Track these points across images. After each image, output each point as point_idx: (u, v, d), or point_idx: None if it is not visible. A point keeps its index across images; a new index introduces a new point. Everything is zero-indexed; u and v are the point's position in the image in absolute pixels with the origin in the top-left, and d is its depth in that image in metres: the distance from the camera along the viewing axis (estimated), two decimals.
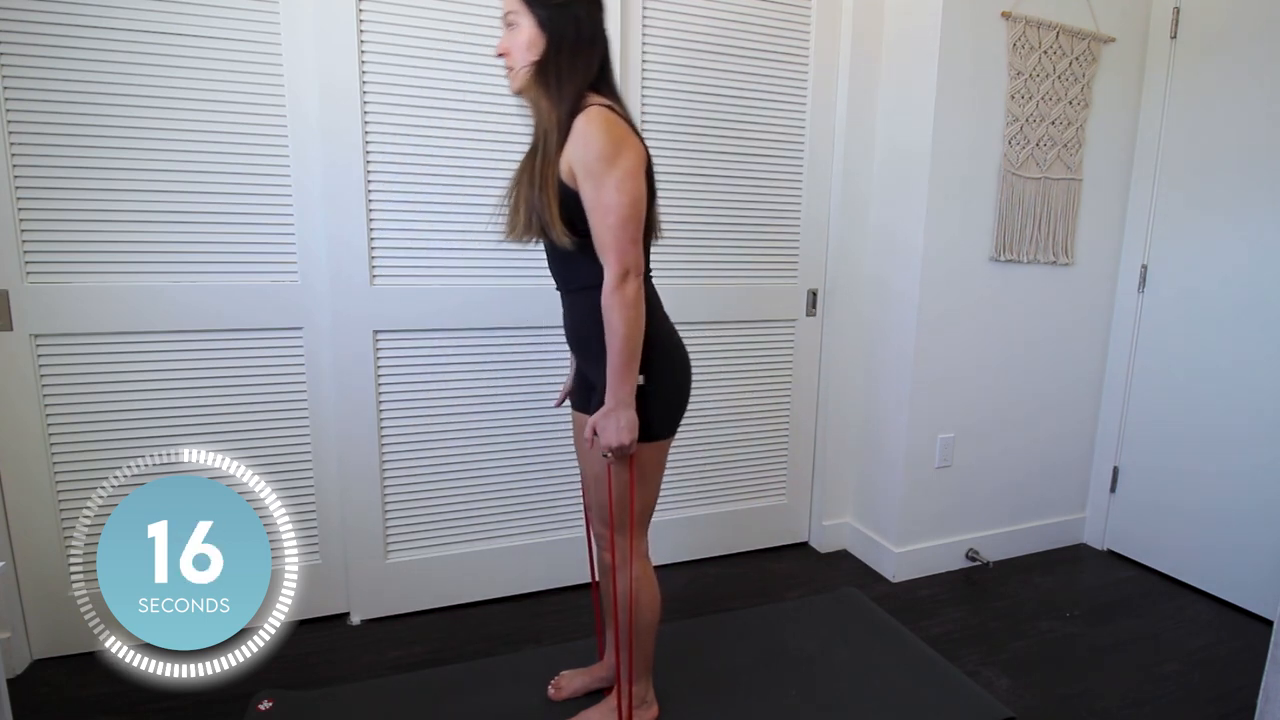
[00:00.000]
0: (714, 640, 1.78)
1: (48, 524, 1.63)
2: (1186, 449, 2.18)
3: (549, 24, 1.12)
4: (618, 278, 1.10)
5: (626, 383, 1.14)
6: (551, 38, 1.13)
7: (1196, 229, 2.14)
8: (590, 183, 1.10)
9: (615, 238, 1.10)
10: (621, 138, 1.10)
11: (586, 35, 1.15)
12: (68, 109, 1.51)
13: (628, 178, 1.09)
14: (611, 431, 1.15)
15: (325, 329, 1.75)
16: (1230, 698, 1.63)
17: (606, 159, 1.08)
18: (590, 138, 1.08)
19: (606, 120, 1.10)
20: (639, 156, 1.13)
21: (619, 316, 1.11)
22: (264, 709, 1.48)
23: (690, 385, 1.31)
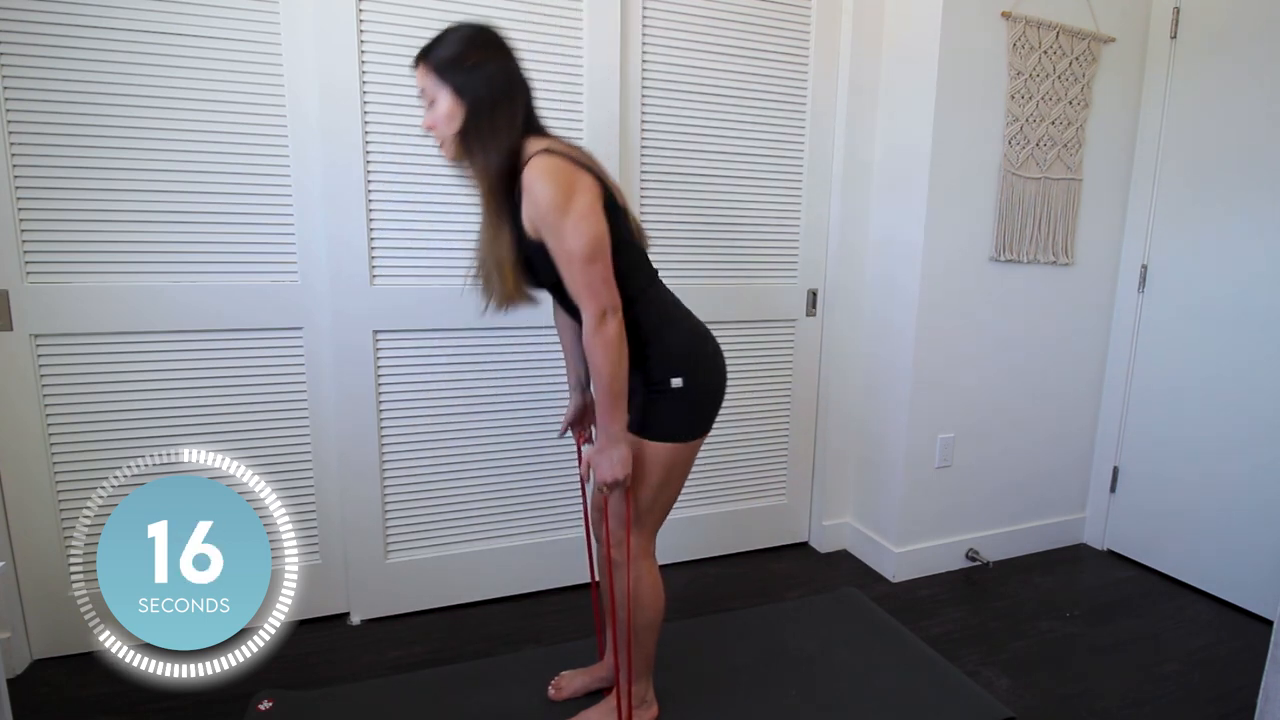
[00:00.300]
0: (714, 640, 1.78)
1: (48, 524, 1.63)
2: (1186, 449, 2.18)
3: (464, 90, 1.13)
4: (596, 319, 1.12)
5: (616, 420, 1.16)
6: (469, 103, 1.13)
7: (1196, 229, 2.14)
8: (550, 235, 1.11)
9: (585, 282, 1.11)
10: (567, 181, 1.10)
11: (502, 90, 1.14)
12: (68, 109, 1.51)
13: (583, 220, 1.09)
14: (606, 468, 1.18)
15: (325, 329, 1.75)
16: (1230, 698, 1.63)
17: (558, 209, 1.08)
18: (537, 192, 1.09)
19: (549, 169, 1.09)
20: (591, 193, 1.12)
21: (603, 357, 1.12)
22: (264, 709, 1.48)
23: (725, 380, 1.32)
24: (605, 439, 1.18)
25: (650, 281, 1.27)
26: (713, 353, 1.29)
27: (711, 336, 1.31)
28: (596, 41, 1.83)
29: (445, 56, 1.13)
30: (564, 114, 1.85)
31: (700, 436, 1.29)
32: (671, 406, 1.24)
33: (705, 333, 1.31)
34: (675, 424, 1.25)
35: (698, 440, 1.29)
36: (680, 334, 1.26)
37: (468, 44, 1.14)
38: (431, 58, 1.14)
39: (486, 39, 1.16)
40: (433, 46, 1.15)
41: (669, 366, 1.23)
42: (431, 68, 1.14)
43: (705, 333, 1.31)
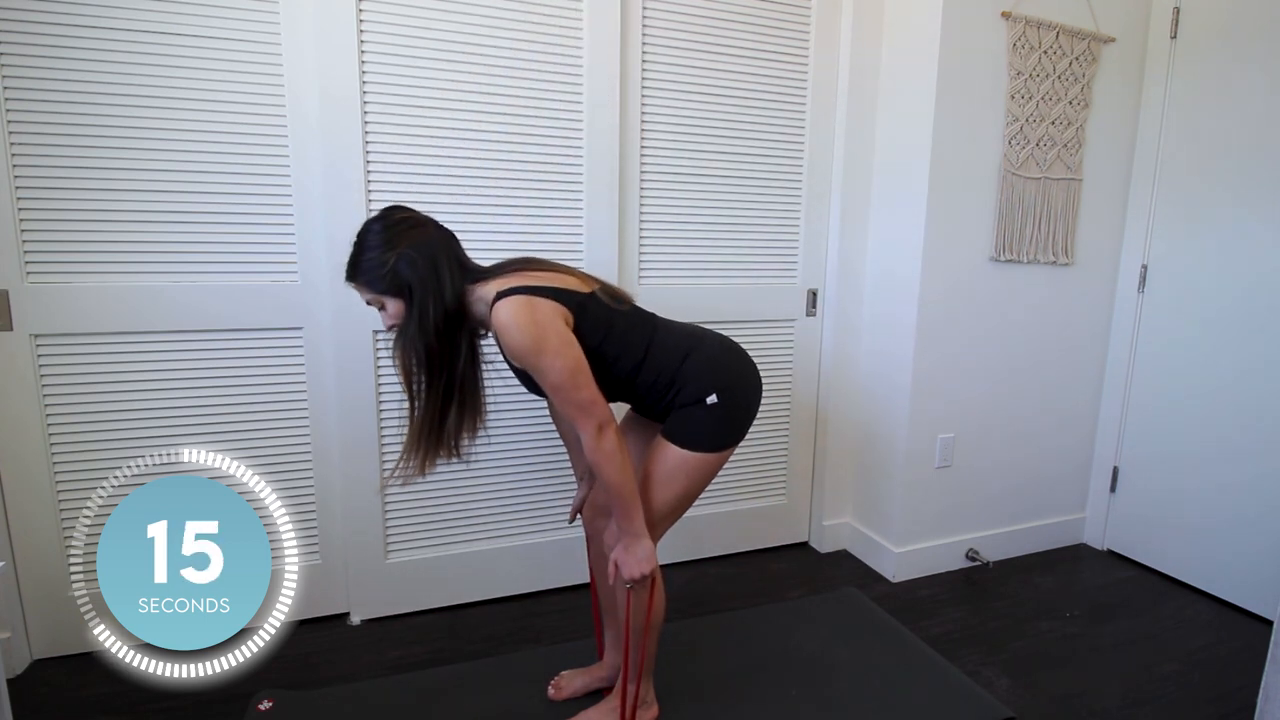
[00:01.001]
0: (714, 640, 1.78)
1: (48, 524, 1.63)
2: (1186, 449, 2.18)
3: (399, 288, 1.16)
4: (594, 436, 1.17)
5: (634, 519, 1.21)
6: (407, 294, 1.16)
7: (1196, 229, 2.14)
8: (531, 371, 1.16)
9: (575, 405, 1.16)
10: (534, 323, 1.13)
11: (425, 268, 1.15)
12: (68, 109, 1.51)
13: (558, 356, 1.14)
14: (632, 564, 1.22)
15: (325, 328, 1.75)
16: (1230, 698, 1.63)
17: (532, 351, 1.13)
18: (510, 339, 1.13)
19: (514, 315, 1.13)
20: (556, 322, 1.15)
21: (608, 469, 1.18)
22: (264, 709, 1.48)
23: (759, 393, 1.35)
24: (628, 538, 1.22)
25: (653, 330, 1.29)
26: (741, 362, 1.33)
27: (738, 347, 1.34)
28: (596, 41, 1.83)
29: (369, 269, 1.16)
30: (564, 114, 1.85)
31: (731, 447, 1.31)
32: (706, 417, 1.26)
33: (730, 345, 1.34)
34: (706, 433, 1.27)
35: (728, 450, 1.31)
36: (704, 358, 1.28)
37: (381, 246, 1.16)
38: (359, 277, 1.18)
39: (392, 228, 1.18)
40: (354, 265, 1.18)
41: (700, 389, 1.26)
42: (364, 284, 1.18)
43: (730, 345, 1.34)
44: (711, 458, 1.28)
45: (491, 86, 1.78)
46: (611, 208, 1.92)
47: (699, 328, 1.36)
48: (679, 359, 1.27)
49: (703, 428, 1.27)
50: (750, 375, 1.33)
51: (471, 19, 1.74)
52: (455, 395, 1.21)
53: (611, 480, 1.18)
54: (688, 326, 1.35)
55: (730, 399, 1.27)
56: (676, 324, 1.35)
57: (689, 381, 1.26)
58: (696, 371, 1.26)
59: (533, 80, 1.81)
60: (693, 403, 1.26)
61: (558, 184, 1.88)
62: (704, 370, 1.27)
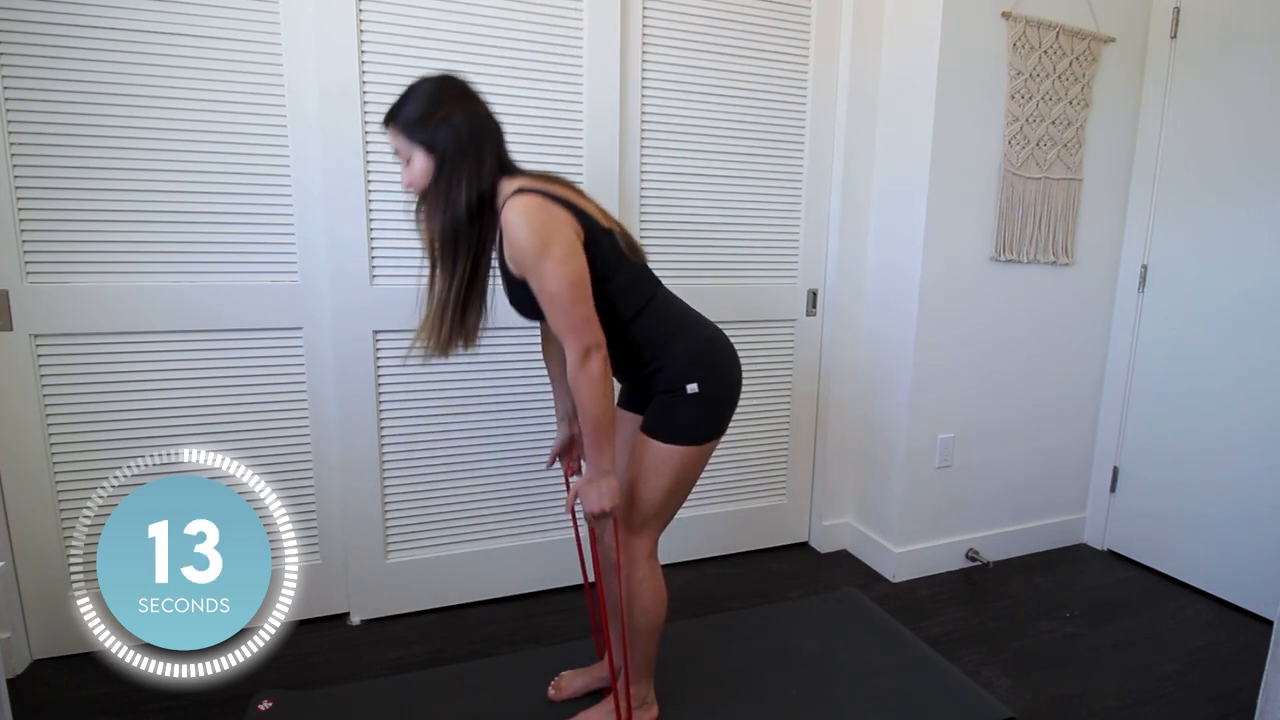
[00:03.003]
0: (714, 640, 1.78)
1: (48, 524, 1.63)
2: (1187, 449, 2.17)
3: (434, 145, 1.13)
4: (580, 357, 1.13)
5: (604, 453, 1.18)
6: (439, 157, 1.14)
7: (1197, 229, 2.14)
8: (531, 276, 1.12)
9: (568, 322, 1.12)
10: (545, 224, 1.10)
11: (469, 140, 1.14)
12: (68, 109, 1.51)
13: (561, 263, 1.10)
14: (594, 499, 1.19)
15: (325, 329, 1.75)
16: (1230, 698, 1.63)
17: (536, 253, 1.10)
18: (516, 236, 1.10)
19: (526, 211, 1.10)
20: (568, 232, 1.12)
21: (587, 394, 1.14)
22: (264, 709, 1.48)
23: (741, 382, 1.32)
24: (594, 471, 1.19)
25: (653, 294, 1.27)
26: (727, 357, 1.30)
27: (726, 340, 1.31)
28: (596, 42, 1.83)
29: (412, 116, 1.14)
30: (564, 114, 1.85)
31: (714, 440, 1.29)
32: (686, 410, 1.24)
33: (719, 336, 1.31)
34: (689, 427, 1.25)
35: (711, 444, 1.29)
36: (692, 341, 1.26)
37: (431, 100, 1.14)
38: (399, 119, 1.15)
39: (449, 90, 1.16)
40: (399, 106, 1.16)
41: (682, 374, 1.24)
42: (400, 129, 1.15)
43: (719, 336, 1.31)
44: (694, 451, 1.26)
45: (491, 86, 1.77)
46: (611, 207, 1.90)
47: (697, 313, 1.33)
48: (668, 334, 1.25)
49: (683, 421, 1.25)
50: (733, 370, 1.31)
51: (471, 18, 1.74)
52: (477, 279, 1.19)
53: (589, 407, 1.15)
54: (687, 308, 1.32)
55: (710, 390, 1.25)
56: (678, 300, 1.32)
57: (671, 362, 1.23)
58: (681, 354, 1.24)
59: (533, 80, 1.81)
60: (672, 389, 1.24)
61: None
62: (689, 354, 1.25)
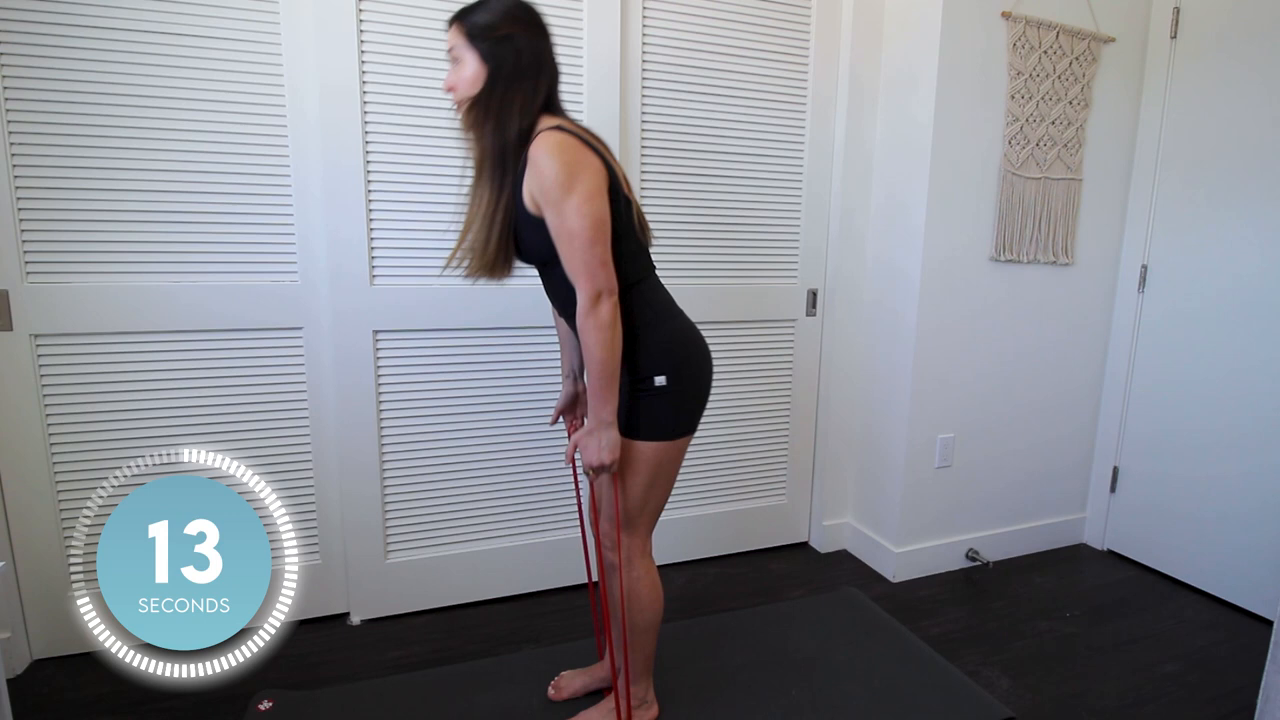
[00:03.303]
0: (714, 640, 1.78)
1: (48, 524, 1.63)
2: (1186, 449, 2.18)
3: (491, 57, 1.13)
4: (590, 300, 1.11)
5: (607, 403, 1.15)
6: (493, 70, 1.13)
7: (1196, 229, 2.14)
8: (551, 211, 1.10)
9: (583, 262, 1.10)
10: (575, 161, 1.09)
11: (528, 65, 1.14)
12: (68, 109, 1.51)
13: (586, 201, 1.09)
14: (593, 450, 1.16)
15: (325, 329, 1.75)
16: (1230, 698, 1.63)
17: (562, 186, 1.08)
18: (543, 166, 1.08)
19: (559, 145, 1.09)
20: (597, 175, 1.12)
21: (594, 339, 1.12)
22: (264, 709, 1.48)
23: (710, 380, 1.31)
24: (595, 422, 1.16)
25: (643, 276, 1.25)
26: (698, 353, 1.28)
27: (700, 338, 1.29)
28: (596, 41, 1.83)
29: (480, 22, 1.13)
30: None
31: (685, 436, 1.28)
32: (655, 405, 1.23)
33: (694, 332, 1.29)
34: (659, 423, 1.24)
35: (684, 440, 1.28)
36: (666, 332, 1.24)
37: (505, 15, 1.13)
38: (466, 21, 1.14)
39: (525, 14, 1.15)
40: (470, 10, 1.14)
41: (652, 364, 1.22)
42: (464, 30, 1.13)
43: (694, 332, 1.29)
44: (667, 447, 1.25)
45: None
46: None
47: (678, 307, 1.30)
48: (651, 316, 1.23)
49: (651, 416, 1.23)
50: (704, 366, 1.29)
51: None
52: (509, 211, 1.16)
53: (596, 354, 1.12)
54: (672, 300, 1.30)
55: (678, 384, 1.23)
56: (665, 290, 1.30)
57: (646, 347, 1.21)
58: (658, 340, 1.22)
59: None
60: (641, 379, 1.22)
61: None
62: (665, 341, 1.23)
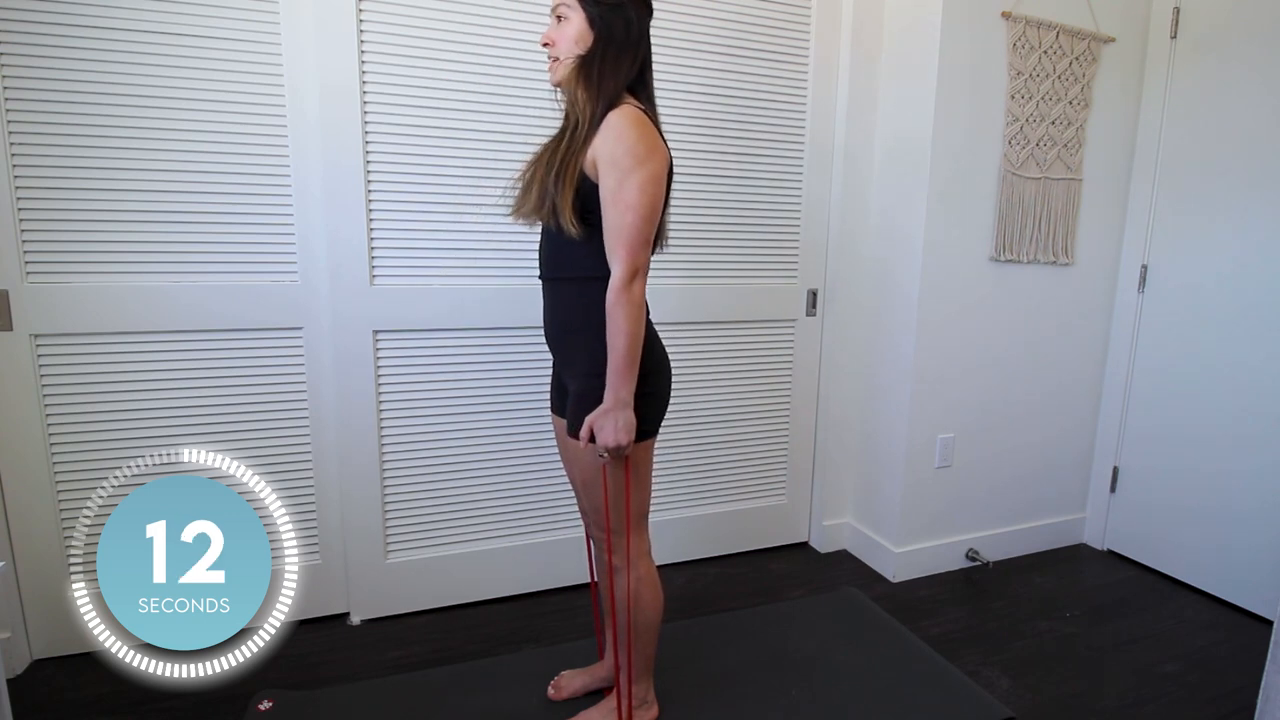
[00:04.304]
0: (714, 640, 1.78)
1: (48, 524, 1.63)
2: (1186, 449, 2.18)
3: (599, 21, 1.14)
4: (626, 276, 1.10)
5: (627, 383, 1.13)
6: (600, 35, 1.14)
7: (1196, 229, 2.14)
8: (614, 176, 1.09)
9: (630, 236, 1.10)
10: (653, 142, 1.12)
11: (634, 37, 1.16)
12: (68, 109, 1.51)
13: (651, 180, 1.10)
14: (609, 431, 1.14)
15: (325, 329, 1.75)
16: (1230, 698, 1.63)
17: (636, 157, 1.09)
18: (624, 133, 1.09)
19: (642, 121, 1.12)
20: (664, 163, 1.15)
21: (624, 315, 1.10)
22: (264, 709, 1.48)
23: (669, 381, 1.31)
24: (612, 400, 1.13)
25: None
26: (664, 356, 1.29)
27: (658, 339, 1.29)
28: None
29: None
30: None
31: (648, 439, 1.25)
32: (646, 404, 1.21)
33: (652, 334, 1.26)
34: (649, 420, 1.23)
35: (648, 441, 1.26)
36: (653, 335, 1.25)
37: None
38: None
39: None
40: None
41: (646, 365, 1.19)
42: None
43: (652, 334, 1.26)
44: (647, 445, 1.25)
45: (491, 85, 1.78)
46: None
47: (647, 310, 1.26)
48: None
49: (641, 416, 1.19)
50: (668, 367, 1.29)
51: (471, 18, 1.74)
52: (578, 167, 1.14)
53: (625, 330, 1.10)
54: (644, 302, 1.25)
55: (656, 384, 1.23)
56: None
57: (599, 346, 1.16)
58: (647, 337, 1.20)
59: (532, 79, 1.80)
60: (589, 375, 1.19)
61: None
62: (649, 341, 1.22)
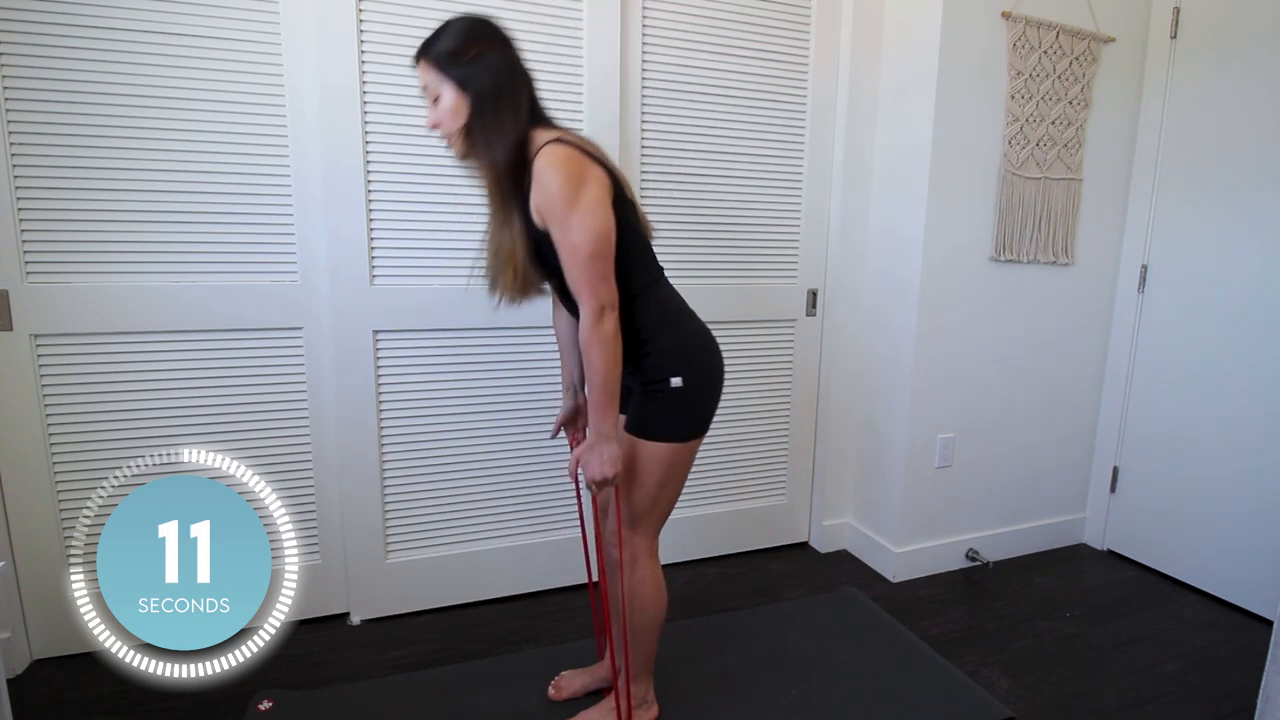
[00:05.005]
0: (714, 640, 1.78)
1: (48, 524, 1.63)
2: (1186, 449, 2.18)
3: (469, 82, 1.11)
4: (594, 315, 1.11)
5: (608, 417, 1.15)
6: (475, 94, 1.11)
7: (1196, 229, 2.14)
8: (555, 225, 1.10)
9: (585, 276, 1.10)
10: (578, 173, 1.09)
11: (505, 81, 1.13)
12: (68, 109, 1.51)
13: (589, 214, 1.09)
14: (595, 465, 1.16)
15: (325, 329, 1.75)
16: (1230, 698, 1.63)
17: (566, 200, 1.07)
18: (547, 181, 1.08)
19: (561, 158, 1.08)
20: (600, 186, 1.11)
21: (598, 354, 1.12)
22: (264, 709, 1.48)
23: (722, 384, 1.31)
24: (596, 436, 1.16)
25: (656, 279, 1.26)
26: (712, 355, 1.29)
27: (713, 339, 1.30)
28: (596, 41, 1.83)
29: (445, 50, 1.11)
30: (564, 114, 1.85)
31: (698, 437, 1.29)
32: (670, 406, 1.24)
33: (707, 334, 1.30)
34: (673, 424, 1.25)
35: (696, 441, 1.29)
36: (680, 334, 1.25)
37: (467, 36, 1.12)
38: (432, 53, 1.12)
39: (486, 29, 1.14)
40: (432, 41, 1.13)
41: (667, 366, 1.23)
42: (433, 63, 1.12)
43: (707, 334, 1.30)
44: (679, 449, 1.26)
45: None
46: None
47: (690, 308, 1.32)
48: (665, 319, 1.24)
49: (666, 417, 1.24)
50: (718, 368, 1.30)
51: None
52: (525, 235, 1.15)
53: (600, 367, 1.12)
54: (683, 301, 1.31)
55: (693, 385, 1.24)
56: (676, 291, 1.31)
57: (661, 350, 1.22)
58: (673, 343, 1.23)
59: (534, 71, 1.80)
60: (656, 380, 1.22)
61: None
62: (680, 344, 1.24)
